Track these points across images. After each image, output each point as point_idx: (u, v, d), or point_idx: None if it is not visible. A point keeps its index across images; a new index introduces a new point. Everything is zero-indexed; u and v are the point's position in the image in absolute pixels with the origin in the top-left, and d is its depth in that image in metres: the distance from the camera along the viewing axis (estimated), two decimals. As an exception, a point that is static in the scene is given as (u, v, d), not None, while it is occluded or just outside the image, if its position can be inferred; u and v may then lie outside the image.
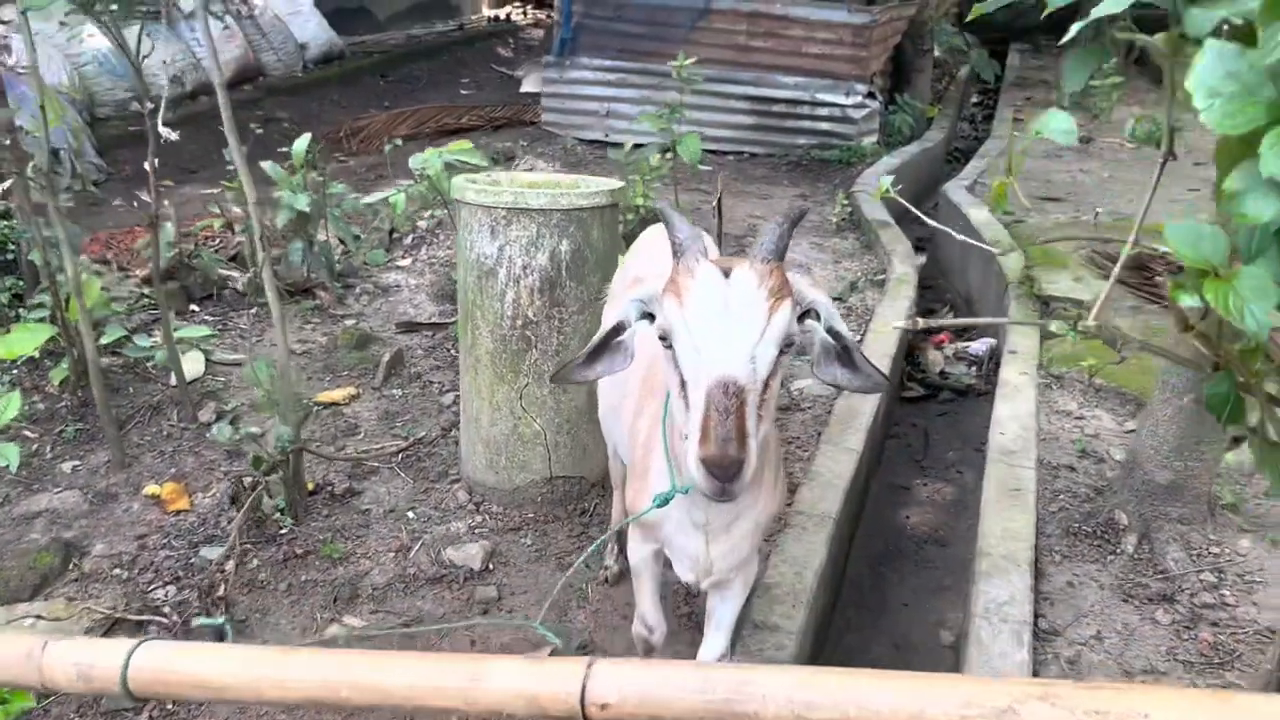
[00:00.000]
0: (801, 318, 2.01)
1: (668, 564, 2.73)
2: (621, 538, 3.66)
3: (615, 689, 1.49)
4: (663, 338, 1.89)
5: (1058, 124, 1.80)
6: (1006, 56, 14.37)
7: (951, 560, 4.56)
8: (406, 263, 6.52)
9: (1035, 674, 3.20)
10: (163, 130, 3.46)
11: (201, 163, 9.74)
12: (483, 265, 3.75)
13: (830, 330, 2.05)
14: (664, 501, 2.16)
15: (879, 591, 4.35)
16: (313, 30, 12.57)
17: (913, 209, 2.33)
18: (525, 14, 17.45)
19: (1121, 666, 3.26)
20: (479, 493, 4.08)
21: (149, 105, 3.78)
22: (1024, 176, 8.73)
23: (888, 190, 2.17)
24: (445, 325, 5.55)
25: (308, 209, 5.25)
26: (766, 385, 1.83)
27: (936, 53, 11.17)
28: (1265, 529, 3.94)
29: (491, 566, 3.69)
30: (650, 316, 2.03)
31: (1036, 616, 3.48)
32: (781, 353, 1.85)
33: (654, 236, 3.39)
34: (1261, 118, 1.12)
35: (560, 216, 3.66)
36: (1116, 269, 1.72)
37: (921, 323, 1.79)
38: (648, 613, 2.76)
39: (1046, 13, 1.71)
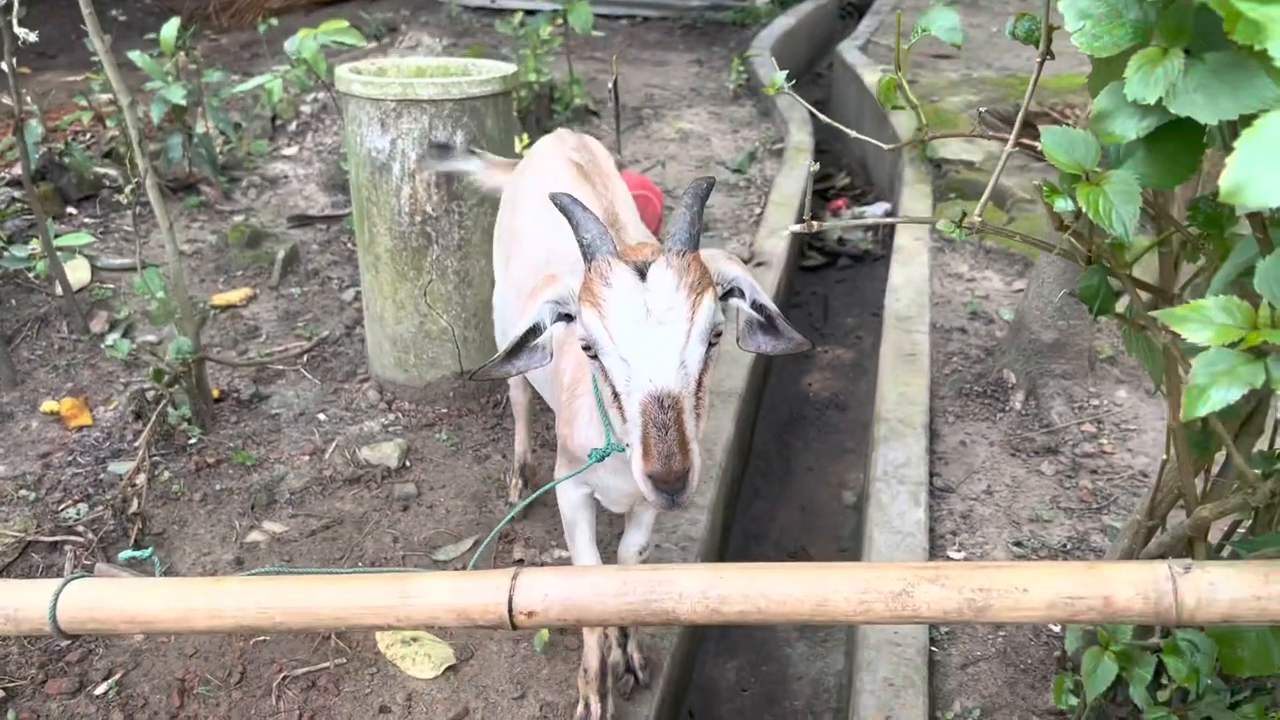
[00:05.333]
0: (725, 296, 1.94)
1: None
2: (525, 477, 3.55)
3: (540, 596, 1.57)
4: (587, 348, 1.79)
5: (943, 22, 1.83)
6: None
7: (852, 423, 4.77)
8: (293, 151, 6.28)
9: (931, 530, 3.42)
10: (20, 31, 3.23)
11: (60, 46, 9.13)
12: (375, 160, 3.66)
13: (754, 304, 1.96)
14: (601, 457, 2.07)
15: (784, 459, 4.55)
16: (168, -106, 11.62)
17: (805, 104, 2.34)
18: None
19: (1010, 517, 3.51)
20: (390, 391, 4.08)
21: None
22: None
23: (780, 87, 2.18)
24: (340, 217, 5.42)
25: (183, 101, 5.00)
26: (700, 382, 1.75)
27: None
28: (1140, 378, 4.21)
29: (409, 464, 3.73)
30: (567, 317, 1.93)
31: (932, 476, 3.70)
32: (710, 345, 1.76)
33: (536, 158, 3.07)
34: (1127, 40, 1.17)
35: (453, 107, 3.58)
36: (1001, 164, 1.78)
37: (815, 226, 1.84)
38: (588, 560, 2.65)
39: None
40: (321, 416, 3.98)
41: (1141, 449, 3.83)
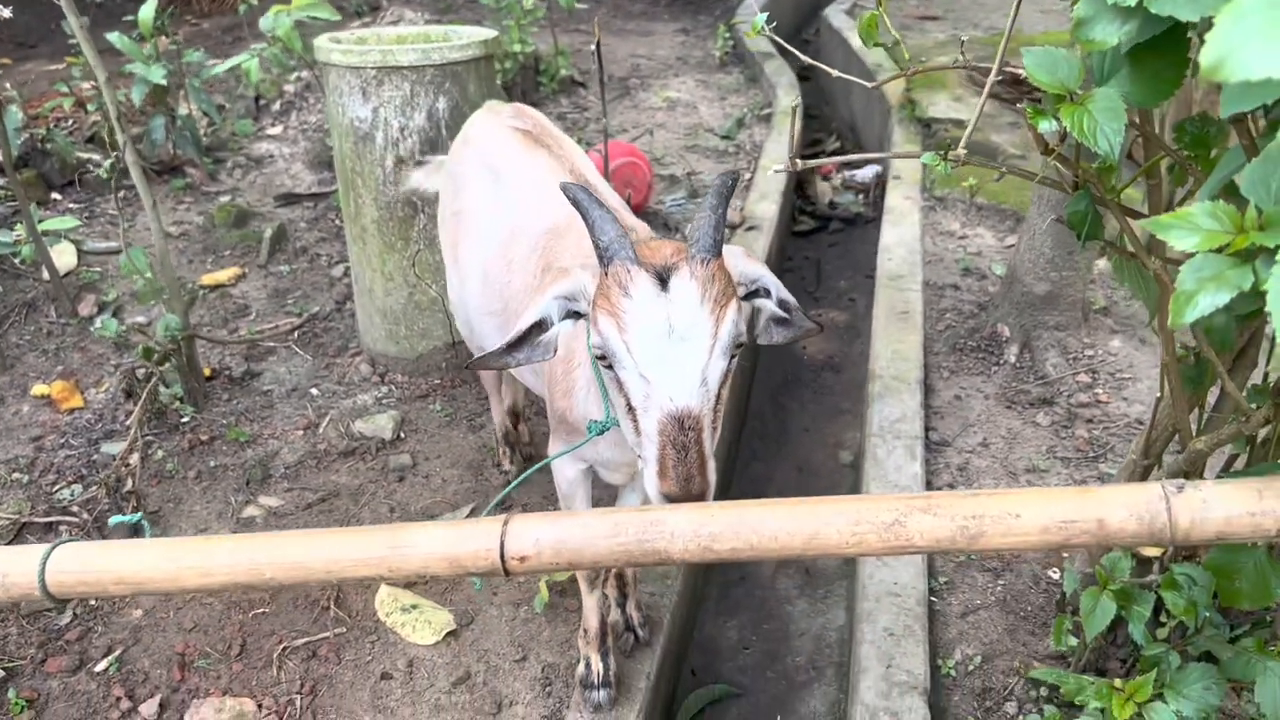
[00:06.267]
0: (748, 296, 1.84)
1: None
2: (511, 445, 3.51)
3: (532, 541, 1.56)
4: (601, 357, 1.70)
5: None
6: None
7: (847, 384, 4.76)
8: (277, 130, 6.24)
9: (928, 483, 3.41)
10: (-6, 9, 3.19)
11: (40, 35, 9.06)
12: (358, 130, 3.63)
13: (779, 302, 1.89)
14: (601, 431, 2.00)
15: (780, 421, 4.53)
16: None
17: (783, 43, 2.31)
18: None
19: (1006, 468, 3.50)
20: (382, 363, 4.06)
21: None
22: (901, -4, 8.69)
23: (761, 29, 2.15)
24: (326, 195, 5.38)
25: (164, 81, 4.95)
26: (718, 395, 1.67)
27: None
28: (1134, 327, 4.20)
29: (403, 435, 3.72)
30: (575, 314, 1.83)
31: (928, 430, 3.69)
32: (731, 357, 1.67)
33: (473, 134, 2.94)
34: (1106, -58, 1.15)
35: (434, 73, 3.54)
36: (984, 97, 1.76)
37: (800, 164, 1.82)
38: None
39: None
40: (314, 391, 3.97)
41: (1136, 397, 3.82)
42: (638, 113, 7.11)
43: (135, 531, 2.94)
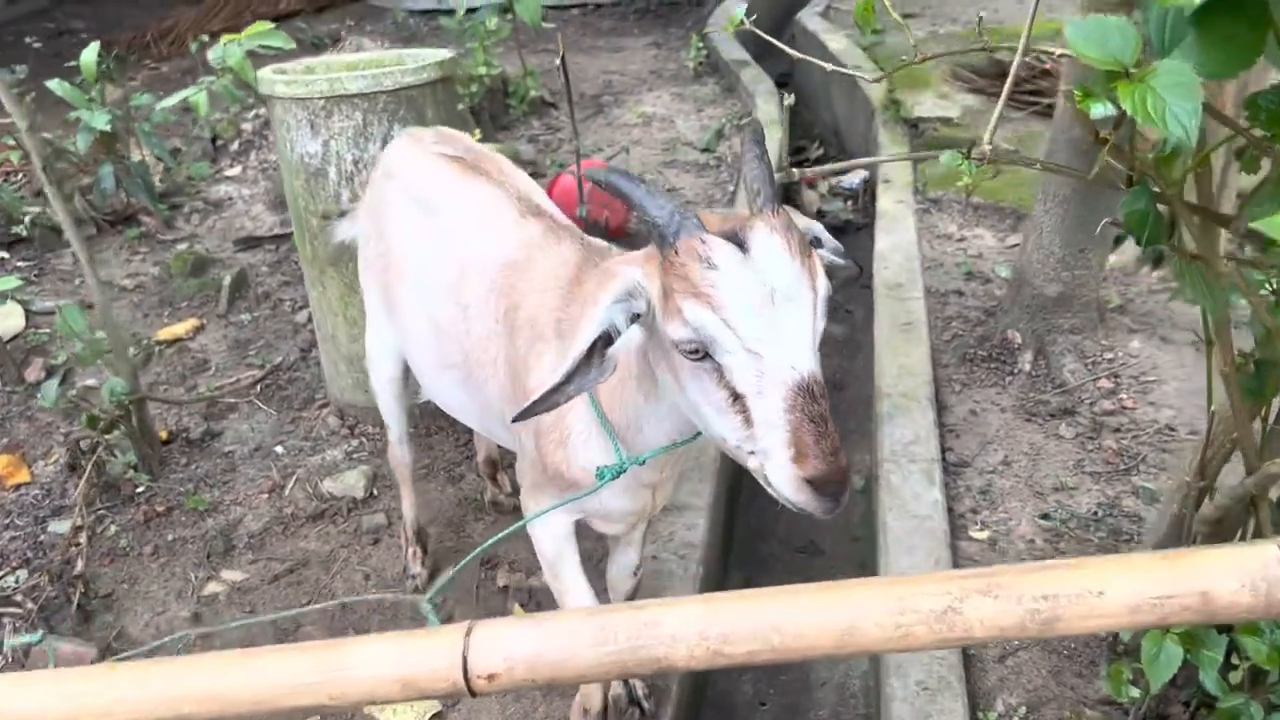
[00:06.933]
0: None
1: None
2: (422, 544, 3.11)
3: (501, 655, 1.27)
4: (694, 351, 1.48)
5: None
6: None
7: (852, 401, 4.48)
8: (236, 171, 5.95)
9: (950, 510, 3.13)
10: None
11: (-7, 89, 8.77)
12: (309, 166, 3.35)
13: (832, 249, 1.77)
14: (615, 475, 1.80)
15: (784, 446, 4.25)
16: (96, -76, 11.30)
17: (768, 38, 2.06)
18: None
19: (1032, 488, 3.22)
20: (351, 415, 3.77)
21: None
22: (877, -6, 8.46)
23: (741, 21, 1.89)
24: (288, 236, 5.09)
25: (109, 127, 4.67)
26: None
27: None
28: (1154, 325, 3.94)
29: (375, 492, 3.42)
30: (635, 316, 1.61)
31: (944, 451, 3.41)
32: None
33: (395, 166, 2.60)
34: None
35: (387, 99, 3.27)
36: (1003, 96, 1.50)
37: (796, 173, 1.56)
38: (584, 596, 2.22)
39: None
40: (279, 449, 3.67)
41: (1164, 401, 3.55)
42: (612, 130, 6.85)
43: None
